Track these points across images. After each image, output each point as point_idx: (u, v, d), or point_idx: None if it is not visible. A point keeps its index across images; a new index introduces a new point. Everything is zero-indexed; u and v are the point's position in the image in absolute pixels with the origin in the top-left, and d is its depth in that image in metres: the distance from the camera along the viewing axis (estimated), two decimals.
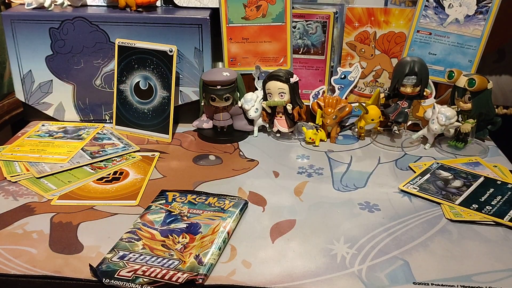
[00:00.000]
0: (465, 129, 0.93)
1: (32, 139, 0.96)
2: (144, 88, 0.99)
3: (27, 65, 1.02)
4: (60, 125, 1.03)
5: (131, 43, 0.97)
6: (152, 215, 0.71)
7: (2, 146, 0.94)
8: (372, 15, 1.02)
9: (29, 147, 0.92)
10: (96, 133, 0.99)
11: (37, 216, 0.74)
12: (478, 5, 0.97)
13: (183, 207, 0.73)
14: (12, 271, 0.62)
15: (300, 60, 1.06)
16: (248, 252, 0.66)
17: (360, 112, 0.98)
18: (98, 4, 1.05)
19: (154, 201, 0.75)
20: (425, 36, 1.01)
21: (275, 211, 0.76)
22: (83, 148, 0.93)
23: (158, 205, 0.74)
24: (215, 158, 0.93)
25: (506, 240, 0.70)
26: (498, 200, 0.78)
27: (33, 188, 0.80)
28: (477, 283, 0.61)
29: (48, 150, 0.91)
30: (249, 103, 0.98)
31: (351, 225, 0.72)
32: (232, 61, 1.05)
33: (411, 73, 0.92)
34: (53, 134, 0.98)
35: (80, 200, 0.78)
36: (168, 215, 0.71)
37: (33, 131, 1.00)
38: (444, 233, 0.71)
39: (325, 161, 0.92)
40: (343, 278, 0.62)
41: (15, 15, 0.98)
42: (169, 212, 0.72)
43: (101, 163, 0.89)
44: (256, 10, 1.01)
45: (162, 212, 0.72)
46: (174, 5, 1.04)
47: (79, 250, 0.66)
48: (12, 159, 0.88)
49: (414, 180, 0.84)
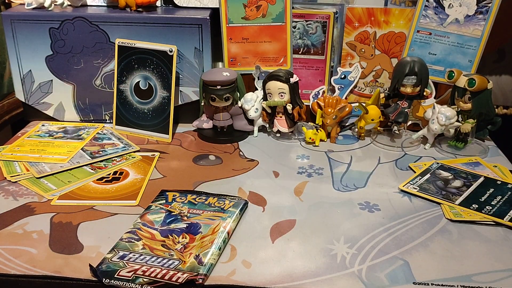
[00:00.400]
0: (465, 129, 0.93)
1: (32, 139, 0.96)
2: (144, 88, 0.99)
3: (27, 65, 1.02)
4: (60, 125, 1.03)
5: (131, 43, 0.97)
6: (152, 215, 0.71)
7: (2, 146, 0.94)
8: (372, 15, 1.02)
9: (29, 147, 0.92)
10: (96, 133, 0.99)
11: (37, 216, 0.74)
12: (478, 5, 0.97)
13: (183, 207, 0.73)
14: (12, 271, 0.62)
15: (300, 60, 1.06)
16: (248, 252, 0.66)
17: (360, 112, 0.98)
18: (98, 4, 1.05)
19: (154, 201, 0.75)
20: (425, 36, 1.01)
21: (275, 211, 0.76)
22: (83, 148, 0.93)
23: (158, 205, 0.74)
24: (215, 158, 0.93)
25: (506, 240, 0.70)
26: (498, 200, 0.78)
27: (33, 188, 0.80)
28: (477, 283, 0.61)
29: (48, 150, 0.91)
30: (249, 103, 0.98)
31: (351, 225, 0.72)
32: (232, 61, 1.05)
33: (411, 73, 0.92)
34: (53, 134, 0.98)
35: (80, 200, 0.78)
36: (168, 215, 0.71)
37: (33, 131, 1.00)
38: (444, 233, 0.71)
39: (325, 161, 0.92)
40: (343, 278, 0.62)
41: (15, 15, 0.98)
42: (169, 212, 0.72)
43: (101, 163, 0.89)
44: (256, 10, 1.01)
45: (162, 212, 0.72)
46: (174, 5, 1.04)
47: (79, 250, 0.66)
48: (12, 159, 0.88)
49: (414, 180, 0.84)
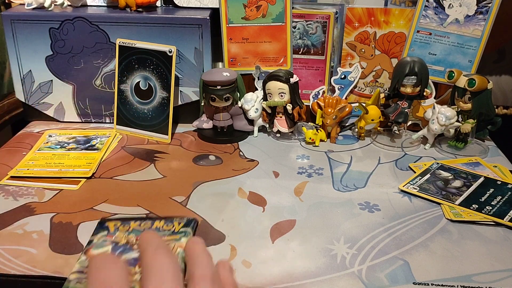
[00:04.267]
0: (465, 129, 0.93)
1: (44, 152, 0.92)
2: (144, 88, 0.99)
3: (27, 65, 1.02)
4: (68, 134, 1.00)
5: (131, 43, 0.97)
6: (97, 249, 0.61)
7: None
8: (372, 15, 1.02)
9: (44, 161, 0.89)
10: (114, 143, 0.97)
11: (37, 216, 0.74)
12: (478, 5, 0.97)
13: (130, 235, 0.62)
14: (12, 271, 0.62)
15: (300, 60, 1.06)
16: (248, 252, 0.66)
17: (360, 112, 0.98)
18: (98, 4, 1.05)
19: (94, 234, 0.64)
20: (425, 36, 1.01)
21: (275, 211, 0.76)
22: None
23: (100, 237, 0.63)
24: (215, 158, 0.93)
25: (506, 240, 0.70)
26: (498, 200, 0.78)
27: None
28: (477, 283, 0.61)
29: (66, 163, 0.88)
30: (249, 103, 0.98)
31: (351, 225, 0.72)
32: (232, 61, 1.05)
33: (411, 73, 0.92)
34: (65, 145, 0.95)
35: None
36: (115, 247, 0.61)
37: (41, 143, 0.96)
38: (444, 233, 0.71)
39: (325, 161, 0.92)
40: (343, 278, 0.62)
41: (15, 15, 0.98)
42: (115, 243, 0.61)
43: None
44: (256, 10, 1.01)
45: (108, 245, 0.61)
46: (174, 5, 1.04)
47: (79, 250, 0.66)
48: (29, 174, 0.84)
49: (414, 180, 0.84)
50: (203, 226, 0.72)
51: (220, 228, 0.71)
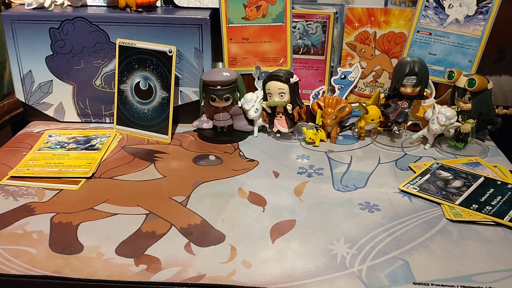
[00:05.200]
0: (465, 129, 0.93)
1: (44, 152, 0.92)
2: (144, 89, 0.99)
3: (27, 65, 1.02)
4: (68, 134, 1.00)
5: (131, 43, 0.97)
6: None
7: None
8: (372, 15, 1.02)
9: (44, 161, 0.89)
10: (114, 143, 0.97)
11: (37, 216, 0.74)
12: (478, 5, 0.97)
13: None
14: (12, 271, 0.62)
15: (300, 60, 1.06)
16: (248, 252, 0.66)
17: (360, 112, 0.98)
18: (98, 4, 1.05)
19: None
20: (425, 36, 1.01)
21: (275, 211, 0.76)
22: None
23: None
24: (215, 158, 0.93)
25: (506, 240, 0.70)
26: (498, 200, 0.78)
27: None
28: (477, 283, 0.61)
29: (66, 163, 0.88)
30: (249, 103, 0.98)
31: (351, 225, 0.72)
32: (232, 61, 1.05)
33: (411, 73, 0.92)
34: (65, 145, 0.95)
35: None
36: None
37: (41, 143, 0.96)
38: (444, 233, 0.71)
39: (325, 161, 0.92)
40: (343, 278, 0.62)
41: (15, 15, 0.98)
42: None
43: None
44: (256, 10, 1.01)
45: None
46: (174, 5, 1.04)
47: (79, 250, 0.66)
48: (30, 174, 0.84)
49: (414, 180, 0.84)
50: (203, 226, 0.72)
51: (220, 228, 0.71)
